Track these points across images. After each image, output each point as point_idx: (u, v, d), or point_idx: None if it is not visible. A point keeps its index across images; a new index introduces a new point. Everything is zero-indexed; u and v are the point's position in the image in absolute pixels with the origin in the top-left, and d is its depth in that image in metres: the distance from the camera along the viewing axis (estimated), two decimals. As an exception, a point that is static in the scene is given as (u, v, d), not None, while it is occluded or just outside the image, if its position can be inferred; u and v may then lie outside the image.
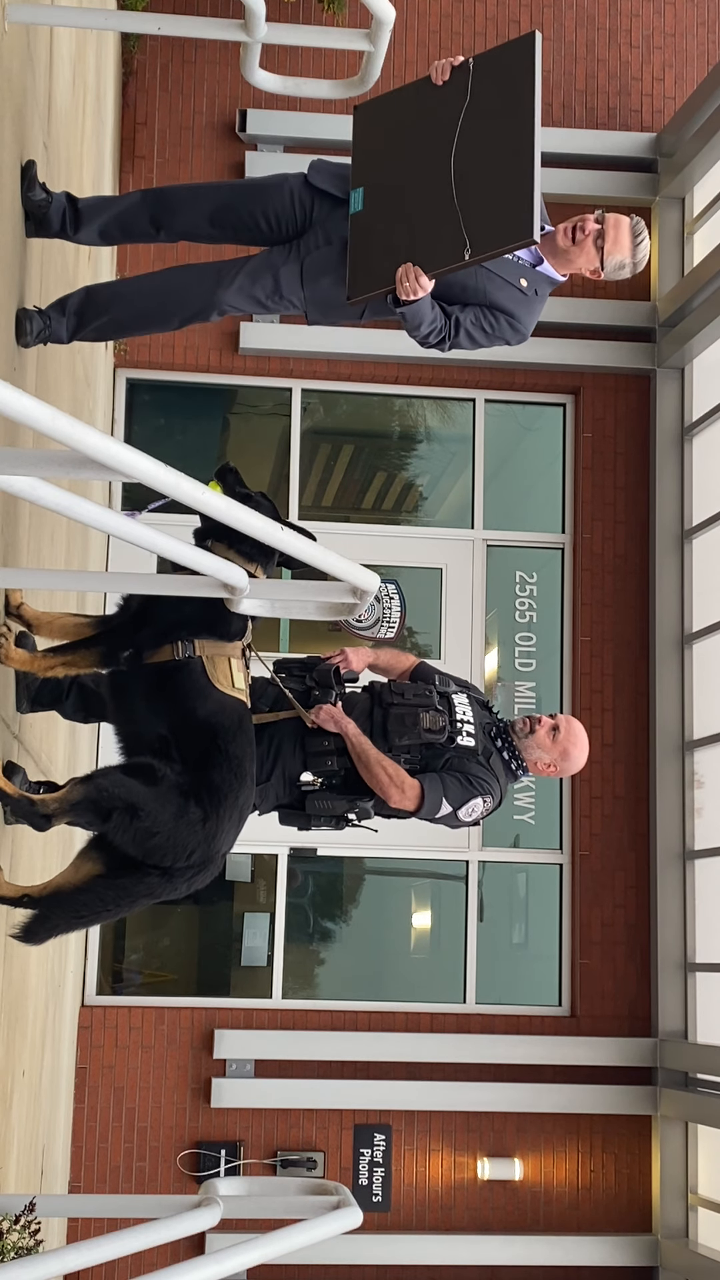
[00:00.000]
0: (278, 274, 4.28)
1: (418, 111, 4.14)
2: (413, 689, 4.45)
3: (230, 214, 4.34)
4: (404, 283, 3.99)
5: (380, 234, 4.11)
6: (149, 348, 8.62)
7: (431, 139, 4.07)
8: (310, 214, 4.33)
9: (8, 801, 3.69)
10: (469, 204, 3.93)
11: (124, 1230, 2.85)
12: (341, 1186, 3.22)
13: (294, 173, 4.40)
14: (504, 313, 4.30)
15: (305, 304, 4.34)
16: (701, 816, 8.44)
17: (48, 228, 4.26)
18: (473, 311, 4.27)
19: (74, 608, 5.64)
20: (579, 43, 9.23)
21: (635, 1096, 8.21)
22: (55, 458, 2.46)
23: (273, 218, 4.34)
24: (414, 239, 4.03)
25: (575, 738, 4.53)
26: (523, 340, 4.40)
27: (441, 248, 3.96)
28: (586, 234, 4.29)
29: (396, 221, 4.08)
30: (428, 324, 4.18)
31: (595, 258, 4.31)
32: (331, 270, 4.26)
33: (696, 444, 8.73)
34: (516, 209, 3.87)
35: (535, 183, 3.89)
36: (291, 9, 8.53)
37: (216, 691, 3.83)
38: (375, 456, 9.35)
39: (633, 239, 4.33)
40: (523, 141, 3.91)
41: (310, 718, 4.28)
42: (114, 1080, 8.07)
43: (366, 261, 4.13)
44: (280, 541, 2.96)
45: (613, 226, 4.31)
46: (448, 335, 4.27)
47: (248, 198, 4.35)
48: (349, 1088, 8.05)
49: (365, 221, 4.16)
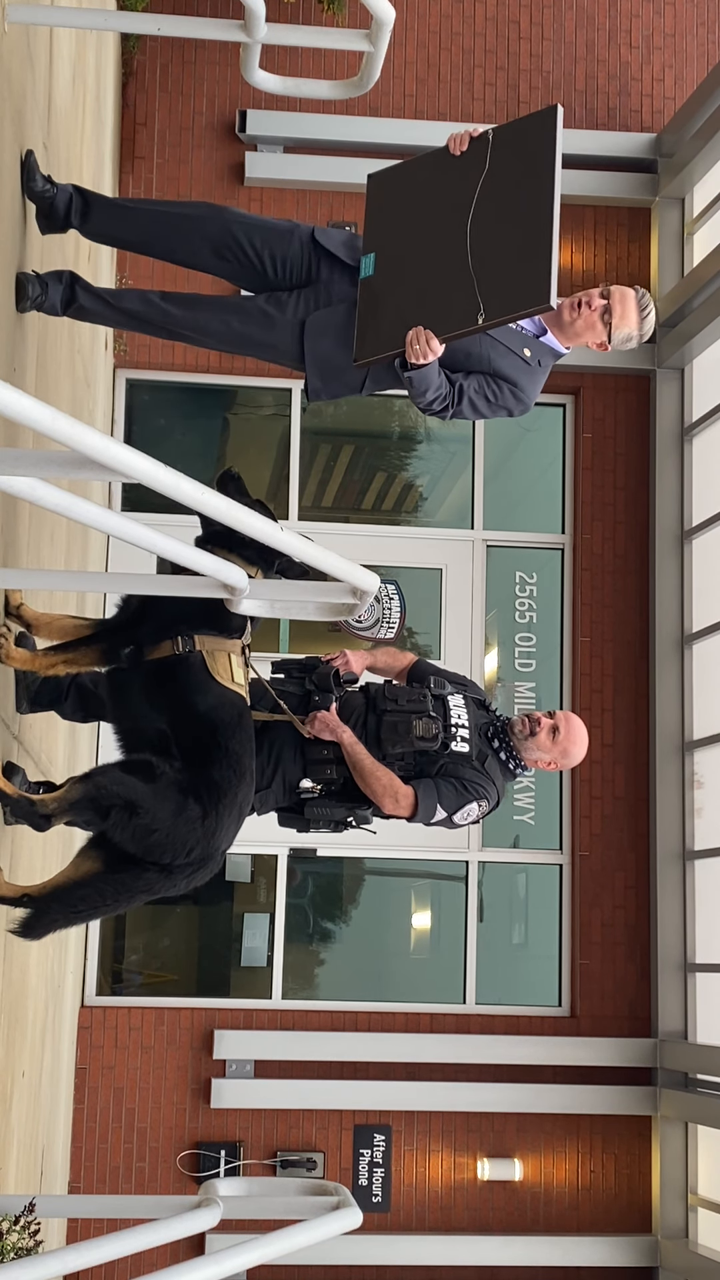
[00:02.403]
0: (273, 324, 4.23)
1: (434, 180, 4.10)
2: (407, 693, 4.44)
3: (237, 245, 4.28)
4: (414, 345, 3.94)
5: (390, 299, 4.06)
6: (149, 348, 8.62)
7: (447, 208, 4.03)
8: (315, 269, 4.27)
9: (7, 802, 3.69)
10: (484, 269, 3.90)
11: (124, 1231, 2.85)
12: (341, 1187, 3.22)
13: (303, 225, 4.36)
14: (507, 381, 4.24)
15: (305, 366, 4.27)
16: (701, 816, 8.44)
17: (55, 218, 4.24)
18: (476, 379, 4.22)
19: (74, 608, 5.64)
20: (579, 43, 9.23)
21: (635, 1097, 8.21)
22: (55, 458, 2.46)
23: (280, 262, 4.28)
24: (425, 303, 3.98)
25: (575, 735, 4.53)
26: (525, 411, 4.34)
27: (454, 312, 3.92)
28: (594, 310, 4.25)
29: (408, 287, 4.04)
30: (433, 390, 4.12)
31: (602, 332, 4.28)
32: (333, 332, 4.20)
33: (696, 444, 8.73)
34: (534, 275, 3.83)
35: (554, 250, 3.85)
36: (291, 9, 8.53)
37: (217, 685, 3.84)
38: (375, 457, 9.35)
39: (639, 312, 4.28)
40: (542, 209, 3.87)
41: (306, 729, 4.27)
42: (114, 1080, 8.07)
43: (375, 325, 4.08)
44: (280, 542, 2.96)
45: (619, 301, 4.26)
46: (451, 402, 4.21)
47: (258, 236, 4.28)
48: (349, 1088, 8.05)
49: (375, 286, 4.12)
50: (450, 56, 9.13)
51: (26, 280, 4.13)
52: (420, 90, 9.03)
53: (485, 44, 9.08)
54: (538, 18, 9.22)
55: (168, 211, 4.38)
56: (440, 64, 9.10)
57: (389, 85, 8.97)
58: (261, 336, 4.27)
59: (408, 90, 9.03)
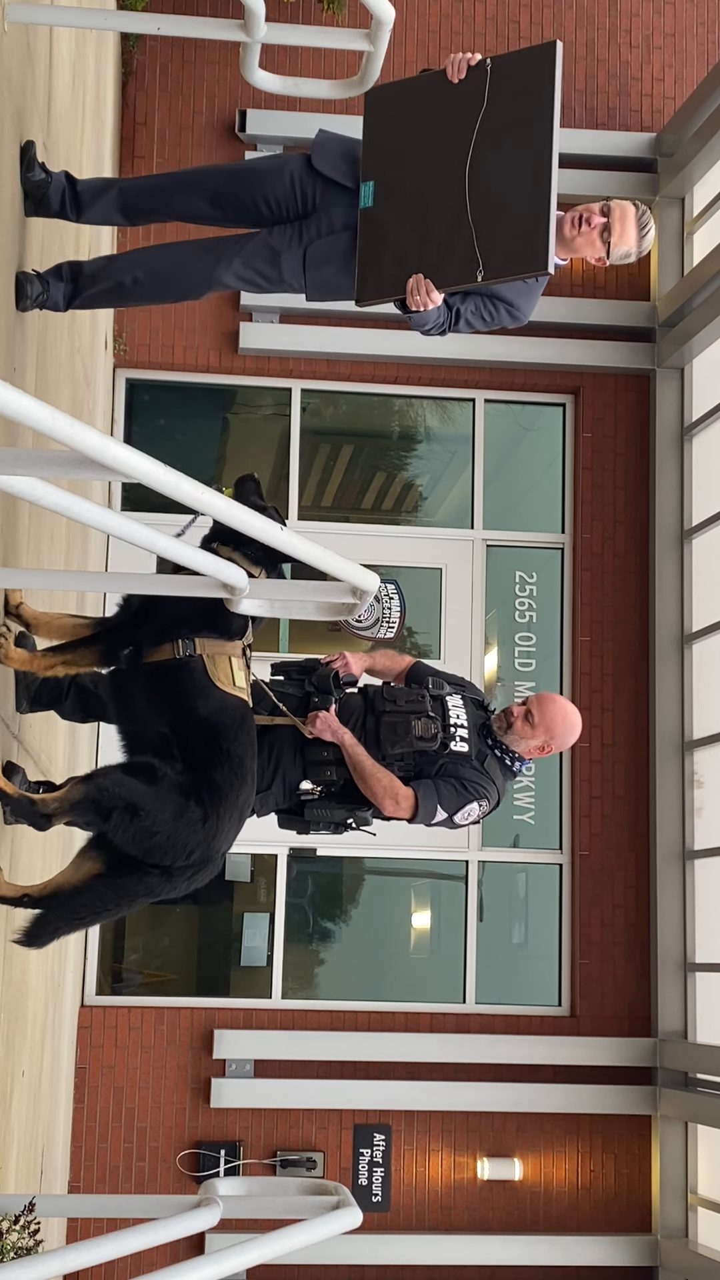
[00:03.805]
0: (279, 258, 4.31)
1: (432, 108, 4.15)
2: (405, 694, 4.43)
3: (231, 196, 4.36)
4: (415, 295, 4.09)
5: (391, 237, 4.15)
6: (149, 348, 8.62)
7: (446, 142, 4.08)
8: (312, 199, 4.33)
9: (8, 801, 3.68)
10: (484, 223, 3.99)
11: (124, 1230, 2.84)
12: (341, 1186, 3.22)
13: (294, 155, 4.39)
14: (504, 301, 4.33)
15: (306, 287, 4.37)
16: (701, 816, 8.44)
17: (47, 207, 4.26)
18: (473, 301, 4.31)
19: (73, 608, 5.63)
20: (579, 43, 9.23)
21: (635, 1096, 8.21)
22: (55, 458, 2.46)
23: (273, 201, 4.34)
24: (426, 250, 4.08)
25: (552, 713, 4.45)
26: (520, 324, 4.45)
27: (454, 264, 4.03)
28: (593, 226, 4.30)
29: (408, 226, 4.12)
30: (432, 323, 4.27)
31: (601, 248, 4.34)
32: (336, 259, 4.29)
33: (696, 444, 8.73)
34: (532, 239, 3.94)
35: (552, 212, 3.95)
36: (291, 9, 8.53)
37: (217, 690, 3.83)
38: (375, 456, 9.34)
39: (639, 230, 4.33)
40: (541, 165, 3.94)
41: (308, 729, 4.28)
42: (114, 1080, 8.07)
43: (376, 266, 4.18)
44: (280, 542, 2.96)
45: (619, 219, 4.31)
46: (448, 325, 4.33)
47: (248, 182, 4.36)
48: (349, 1088, 8.05)
49: (375, 219, 4.19)
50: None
51: (26, 279, 4.14)
52: (420, 90, 9.01)
53: (485, 44, 9.08)
54: (538, 18, 9.22)
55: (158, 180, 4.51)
56: (440, 64, 9.08)
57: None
58: (270, 272, 4.34)
59: (408, 90, 9.02)
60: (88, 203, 4.32)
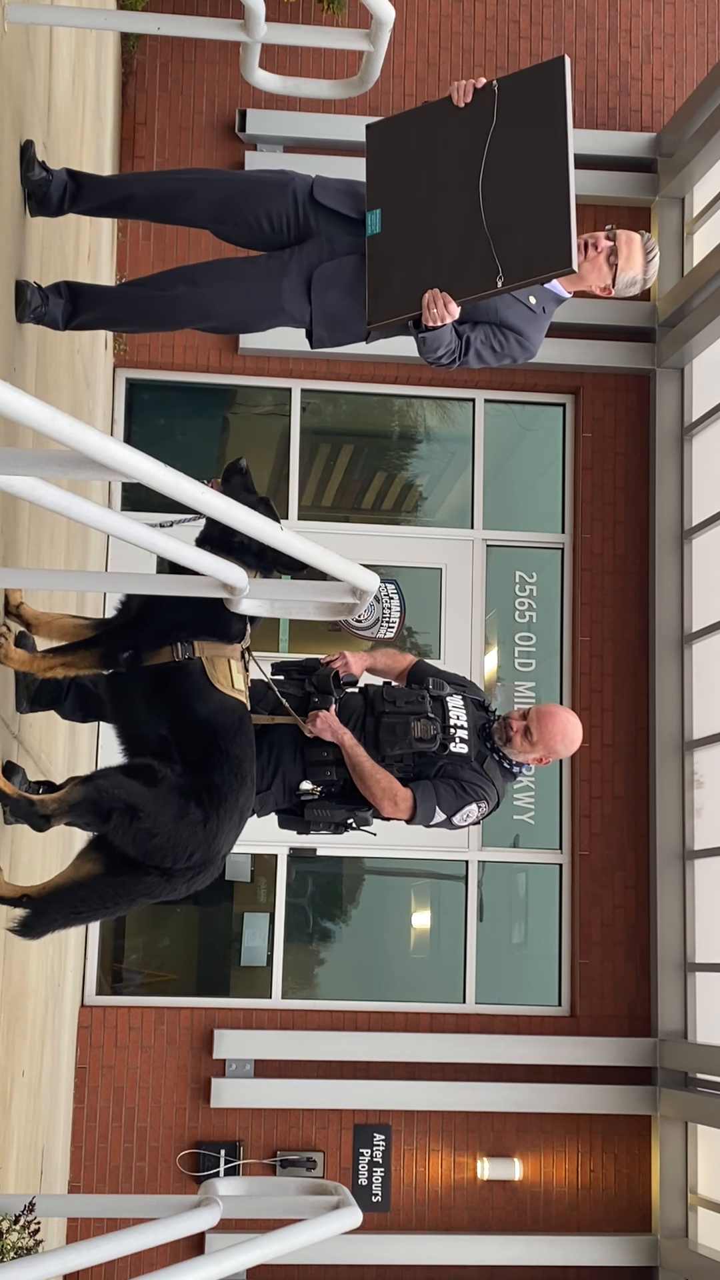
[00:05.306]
0: (279, 285, 4.24)
1: (438, 133, 4.09)
2: (405, 695, 4.43)
3: (233, 212, 4.31)
4: (431, 309, 3.97)
5: (401, 258, 4.06)
6: (149, 348, 8.62)
7: (456, 164, 4.02)
8: (314, 221, 4.27)
9: (7, 802, 3.68)
10: (500, 230, 3.90)
11: (124, 1230, 2.84)
12: (341, 1186, 3.22)
13: (300, 174, 4.37)
14: (514, 331, 4.26)
15: (311, 319, 4.27)
16: (701, 816, 8.44)
17: (48, 205, 4.25)
18: (483, 330, 4.23)
19: (73, 608, 5.63)
20: (579, 43, 9.23)
21: (635, 1096, 8.21)
22: (55, 458, 2.46)
23: (275, 218, 4.29)
24: (440, 264, 3.98)
25: (552, 730, 4.43)
26: (530, 358, 4.36)
27: (471, 274, 3.93)
28: (599, 251, 4.25)
29: (419, 246, 4.03)
30: (445, 347, 4.15)
31: (607, 275, 4.27)
32: (340, 284, 4.20)
33: (696, 444, 8.73)
34: (554, 238, 3.85)
35: (573, 211, 3.86)
36: (291, 9, 8.53)
37: (216, 692, 3.83)
38: (375, 456, 9.34)
39: (644, 256, 4.28)
40: (557, 169, 3.87)
41: (308, 728, 4.28)
42: (114, 1080, 8.07)
43: (387, 287, 4.07)
44: (280, 542, 2.95)
45: (625, 244, 4.26)
46: (458, 355, 4.23)
47: (250, 197, 4.31)
48: (349, 1088, 8.05)
49: (384, 244, 4.10)
50: (450, 56, 9.13)
51: (27, 289, 4.12)
52: (420, 90, 9.03)
53: (485, 43, 9.08)
54: (538, 17, 9.22)
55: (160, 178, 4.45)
56: (440, 64, 9.10)
57: (389, 85, 8.96)
58: (268, 299, 4.24)
59: (408, 90, 9.03)
60: (87, 196, 4.31)
